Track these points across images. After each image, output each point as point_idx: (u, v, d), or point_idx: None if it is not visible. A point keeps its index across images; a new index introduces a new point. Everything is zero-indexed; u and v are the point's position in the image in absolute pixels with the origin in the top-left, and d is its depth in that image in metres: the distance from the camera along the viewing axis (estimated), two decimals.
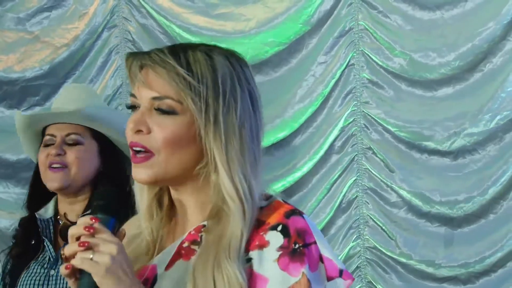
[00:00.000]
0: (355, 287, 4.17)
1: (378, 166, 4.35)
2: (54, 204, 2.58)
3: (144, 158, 1.45)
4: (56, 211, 2.58)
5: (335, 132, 4.37)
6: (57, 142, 2.52)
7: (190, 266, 1.44)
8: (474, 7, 4.25)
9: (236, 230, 1.42)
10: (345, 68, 4.37)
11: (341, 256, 4.19)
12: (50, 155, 2.49)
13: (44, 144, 2.54)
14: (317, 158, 4.36)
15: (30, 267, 2.55)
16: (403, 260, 4.26)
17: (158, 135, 1.44)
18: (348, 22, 4.36)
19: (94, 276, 1.33)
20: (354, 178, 4.37)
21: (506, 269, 4.21)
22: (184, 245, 1.49)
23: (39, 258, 2.54)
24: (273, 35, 4.38)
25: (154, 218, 1.52)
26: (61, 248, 2.40)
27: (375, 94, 4.36)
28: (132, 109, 1.49)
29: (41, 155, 2.53)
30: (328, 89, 4.36)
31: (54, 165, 2.49)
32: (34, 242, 2.57)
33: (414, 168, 4.32)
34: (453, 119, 4.28)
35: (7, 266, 2.65)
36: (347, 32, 4.36)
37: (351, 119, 4.37)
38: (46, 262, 2.52)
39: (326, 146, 4.37)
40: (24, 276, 2.53)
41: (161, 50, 1.45)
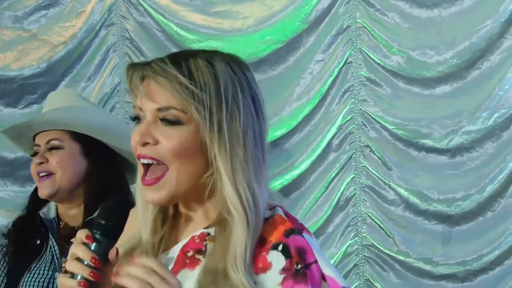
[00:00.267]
0: (353, 285, 4.19)
1: (376, 164, 4.35)
2: (55, 205, 2.60)
3: (155, 179, 1.44)
4: (57, 213, 2.59)
5: (333, 130, 4.37)
6: (41, 150, 2.53)
7: (195, 276, 1.44)
8: (472, 5, 4.25)
9: (240, 240, 1.41)
10: (342, 66, 4.37)
11: (338, 254, 4.23)
12: (36, 165, 2.51)
13: (34, 154, 2.57)
14: (314, 156, 4.36)
15: (33, 268, 2.53)
16: (401, 258, 4.27)
17: (166, 146, 1.44)
18: (345, 20, 4.36)
19: None
20: (352, 176, 4.38)
21: (504, 267, 4.22)
22: (188, 254, 1.48)
23: (41, 259, 2.53)
24: (270, 33, 4.38)
25: (157, 233, 1.51)
26: (63, 258, 2.40)
27: (373, 92, 4.35)
28: (135, 120, 1.48)
29: (31, 166, 2.56)
30: (325, 87, 4.36)
31: (41, 174, 2.50)
32: (39, 242, 2.56)
33: (412, 166, 4.32)
34: (450, 117, 4.27)
35: (3, 264, 2.63)
36: (345, 30, 4.36)
37: (349, 117, 4.38)
38: (49, 263, 2.52)
39: (323, 144, 4.37)
40: (27, 277, 2.52)
41: (162, 59, 1.45)
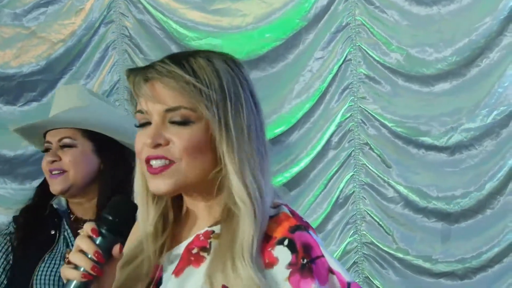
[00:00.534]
0: None
1: (375, 162, 4.36)
2: (65, 202, 2.63)
3: (163, 168, 1.44)
4: (67, 205, 2.62)
5: (332, 127, 4.38)
6: (53, 148, 2.55)
7: (201, 273, 1.44)
8: (471, 2, 4.26)
9: (248, 232, 1.42)
10: (342, 63, 4.38)
11: (338, 251, 4.24)
12: (48, 163, 2.53)
13: (44, 150, 2.59)
14: (314, 153, 4.37)
15: (47, 259, 2.55)
16: (400, 255, 4.28)
17: (178, 146, 1.45)
18: (345, 18, 4.36)
19: None
20: (351, 174, 4.39)
21: (503, 264, 4.23)
22: (193, 251, 1.49)
23: (54, 250, 2.55)
24: (270, 31, 4.39)
25: (159, 240, 1.52)
26: (67, 249, 2.44)
27: (372, 90, 4.36)
28: (142, 126, 1.48)
29: (42, 163, 2.58)
30: (325, 84, 4.36)
31: (53, 171, 2.52)
32: (53, 232, 2.58)
33: (411, 163, 4.33)
34: (450, 115, 4.28)
35: (11, 247, 2.63)
36: (344, 27, 4.37)
37: (348, 115, 4.38)
38: (63, 254, 2.53)
39: (323, 142, 4.38)
40: (41, 268, 2.53)
41: (162, 61, 1.45)
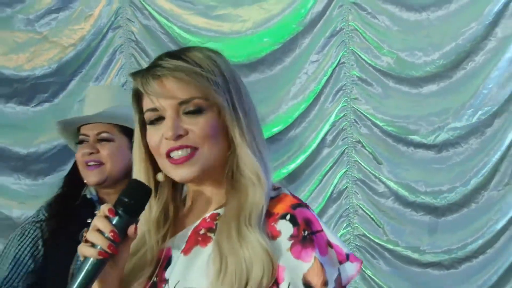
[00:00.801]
0: None
1: (367, 159, 4.43)
2: (94, 188, 2.67)
3: (187, 157, 1.48)
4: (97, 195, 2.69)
5: (327, 126, 4.44)
6: (90, 141, 2.61)
7: (208, 252, 1.48)
8: (458, 9, 4.32)
9: (258, 200, 1.47)
10: (336, 66, 4.44)
11: None
12: (84, 154, 2.59)
13: (78, 141, 2.64)
14: (309, 151, 4.44)
15: None
16: (390, 246, 4.37)
17: (198, 133, 1.48)
18: (339, 23, 4.43)
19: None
20: (344, 170, 4.46)
21: (487, 255, 4.33)
22: (200, 231, 1.53)
23: None
24: (268, 35, 4.44)
25: (161, 231, 1.55)
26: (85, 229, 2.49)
27: (364, 91, 4.42)
28: (154, 123, 1.50)
29: (77, 154, 2.63)
30: (320, 86, 4.43)
31: (90, 163, 2.58)
32: (90, 221, 2.63)
33: (401, 160, 4.41)
34: (437, 114, 4.35)
35: (41, 234, 2.66)
36: (338, 32, 4.43)
37: (342, 114, 4.45)
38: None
39: (318, 140, 4.44)
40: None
41: (164, 59, 1.49)
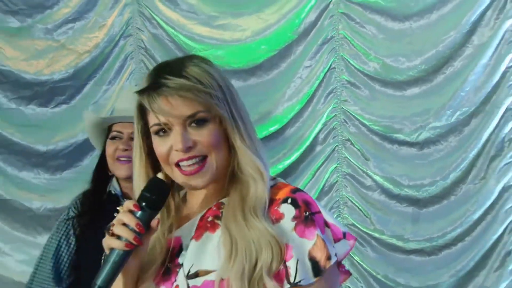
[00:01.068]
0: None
1: (355, 155, 4.52)
2: (117, 183, 2.74)
3: (199, 168, 1.52)
4: (120, 189, 2.74)
5: (319, 126, 4.52)
6: (124, 138, 2.67)
7: (217, 237, 1.53)
8: (438, 18, 4.43)
9: (260, 194, 1.52)
10: (327, 71, 4.51)
11: None
12: (118, 150, 2.65)
13: (111, 137, 2.70)
14: (303, 148, 4.51)
15: None
16: (377, 235, 4.48)
17: (205, 143, 1.52)
18: (329, 32, 4.51)
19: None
20: (335, 165, 4.54)
21: (465, 243, 4.45)
22: (208, 219, 1.57)
23: None
24: (265, 43, 4.51)
25: (165, 223, 1.60)
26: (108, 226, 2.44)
27: (353, 93, 4.50)
28: (160, 134, 1.54)
29: (109, 148, 2.69)
30: (312, 89, 4.50)
31: (122, 158, 2.64)
32: (115, 213, 2.71)
33: (386, 156, 4.49)
34: (419, 115, 4.45)
35: (72, 230, 2.73)
36: (329, 40, 4.51)
37: (333, 115, 4.52)
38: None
39: (311, 138, 4.52)
40: None
41: (164, 77, 1.50)
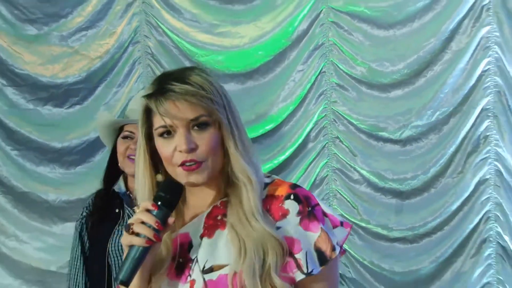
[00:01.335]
0: None
1: (344, 152, 4.57)
2: (123, 181, 2.74)
3: (196, 166, 1.52)
4: (126, 187, 2.74)
5: (311, 125, 4.55)
6: (135, 138, 2.65)
7: (225, 233, 1.55)
8: (419, 27, 4.50)
9: (253, 199, 1.53)
10: (318, 74, 4.54)
11: None
12: (130, 149, 2.66)
13: (123, 136, 2.71)
14: (296, 145, 4.55)
15: (117, 231, 2.66)
16: (363, 224, 4.54)
17: (205, 148, 1.53)
18: (320, 39, 4.53)
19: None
20: (325, 161, 4.57)
21: (444, 231, 4.52)
22: (218, 217, 1.58)
23: (122, 223, 2.67)
24: (262, 49, 4.53)
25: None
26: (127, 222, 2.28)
27: (342, 95, 4.54)
28: (165, 136, 1.54)
29: (121, 147, 2.70)
30: (305, 91, 4.54)
31: (132, 156, 2.64)
32: (118, 210, 2.68)
33: (372, 153, 4.55)
34: (402, 114, 4.51)
35: (85, 228, 2.75)
36: (320, 46, 4.54)
37: (323, 115, 4.55)
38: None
39: (303, 136, 4.55)
40: (114, 238, 2.65)
41: (172, 83, 1.51)
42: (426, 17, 4.52)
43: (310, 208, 1.55)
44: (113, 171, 2.73)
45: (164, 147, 1.54)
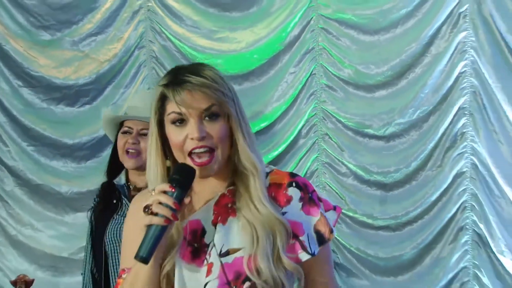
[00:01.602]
0: None
1: (333, 147, 4.67)
2: (125, 174, 2.76)
3: (208, 160, 1.55)
4: (126, 180, 2.76)
5: (302, 122, 4.64)
6: (134, 133, 2.66)
7: (238, 220, 1.59)
8: (402, 32, 4.62)
9: (259, 186, 1.57)
10: (309, 76, 4.64)
11: None
12: (128, 143, 2.65)
13: (122, 131, 2.69)
14: (289, 141, 4.65)
15: (115, 219, 2.68)
16: (350, 214, 4.65)
17: (215, 137, 1.56)
18: (311, 43, 4.64)
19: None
20: (315, 156, 4.66)
21: (424, 220, 4.64)
22: (228, 205, 1.61)
23: (119, 212, 2.69)
24: (257, 53, 4.62)
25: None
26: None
27: (331, 95, 4.65)
28: (178, 124, 1.56)
29: (120, 141, 2.68)
30: (296, 91, 4.64)
31: (130, 150, 2.64)
32: (115, 201, 2.70)
33: (358, 148, 4.64)
34: (386, 113, 4.61)
35: (92, 217, 2.80)
36: (310, 50, 4.64)
37: (313, 113, 4.65)
38: (125, 215, 2.27)
39: (295, 133, 4.64)
40: (112, 224, 2.68)
41: (188, 76, 1.54)
42: (408, 23, 4.62)
43: (309, 194, 1.62)
44: (114, 165, 2.74)
45: (175, 135, 1.56)
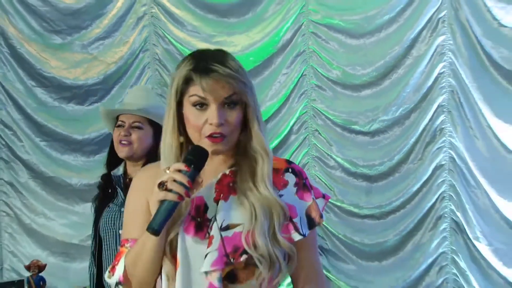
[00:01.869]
0: None
1: (322, 142, 4.84)
2: (123, 166, 2.81)
3: (221, 138, 1.59)
4: (124, 171, 2.80)
5: (294, 119, 4.82)
6: (126, 126, 2.73)
7: (238, 198, 1.62)
8: (385, 36, 4.79)
9: (267, 170, 1.61)
10: (300, 77, 4.81)
11: None
12: (121, 135, 2.72)
13: (117, 125, 2.77)
14: (281, 137, 4.82)
15: (110, 207, 2.76)
16: (338, 204, 4.82)
17: (231, 124, 1.60)
18: (302, 47, 4.81)
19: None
20: (306, 150, 4.84)
21: (406, 209, 4.81)
22: (230, 184, 1.64)
23: (115, 201, 2.77)
24: (252, 55, 4.80)
25: None
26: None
27: (320, 95, 4.82)
28: (199, 108, 1.60)
29: (114, 134, 2.77)
30: (288, 91, 4.82)
31: (123, 141, 2.71)
32: (110, 190, 2.79)
33: (346, 143, 4.81)
34: (371, 111, 4.77)
35: (94, 206, 2.89)
36: (301, 53, 4.82)
37: (304, 111, 4.83)
38: (119, 203, 2.71)
39: (287, 129, 4.82)
40: (105, 212, 2.77)
41: (215, 65, 1.58)
42: (391, 28, 4.79)
43: (303, 180, 1.67)
44: (112, 157, 2.81)
45: (195, 117, 1.59)
